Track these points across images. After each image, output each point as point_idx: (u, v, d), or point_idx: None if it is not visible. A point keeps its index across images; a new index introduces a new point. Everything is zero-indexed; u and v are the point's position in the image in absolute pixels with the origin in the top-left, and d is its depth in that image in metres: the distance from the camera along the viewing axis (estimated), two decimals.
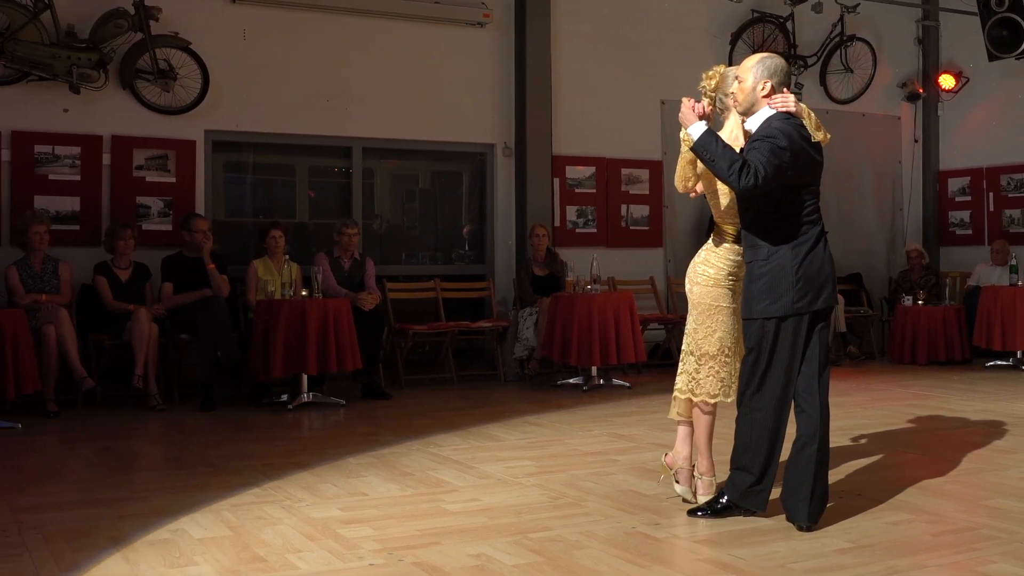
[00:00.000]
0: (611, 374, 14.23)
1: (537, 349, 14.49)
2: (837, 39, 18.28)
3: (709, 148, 6.68)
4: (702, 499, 7.24)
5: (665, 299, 16.79)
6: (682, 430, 7.52)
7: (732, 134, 7.21)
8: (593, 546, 6.38)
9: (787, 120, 6.80)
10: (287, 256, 13.42)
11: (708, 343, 7.23)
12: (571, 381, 14.16)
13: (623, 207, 16.88)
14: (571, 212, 16.47)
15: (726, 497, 7.04)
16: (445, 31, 15.50)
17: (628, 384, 14.08)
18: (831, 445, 7.02)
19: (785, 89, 7.04)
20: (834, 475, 8.01)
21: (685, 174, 7.35)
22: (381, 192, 16.02)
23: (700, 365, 7.24)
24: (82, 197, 13.40)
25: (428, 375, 14.89)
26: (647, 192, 17.03)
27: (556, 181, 16.16)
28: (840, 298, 16.84)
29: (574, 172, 16.44)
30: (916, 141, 19.55)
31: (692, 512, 7.14)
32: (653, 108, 16.94)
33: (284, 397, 12.61)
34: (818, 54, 18.26)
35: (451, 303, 15.51)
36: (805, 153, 6.80)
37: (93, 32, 13.08)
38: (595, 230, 16.65)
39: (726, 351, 7.23)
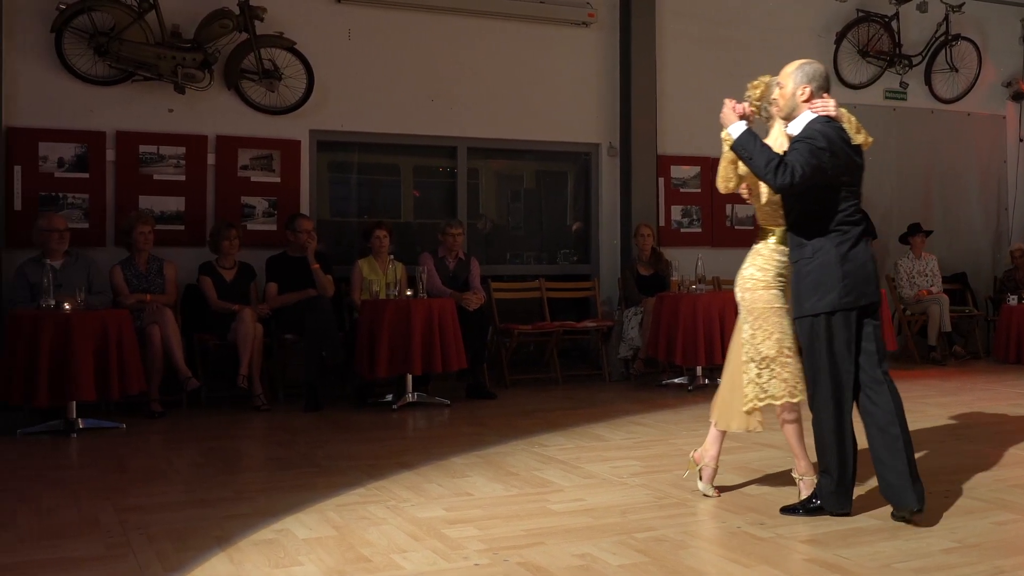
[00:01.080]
0: (716, 374, 13.33)
1: (642, 349, 14.18)
2: (942, 38, 17.87)
3: (748, 147, 6.77)
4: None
5: None
6: (714, 431, 7.55)
7: (777, 141, 7.18)
8: (698, 546, 6.30)
9: (827, 123, 6.83)
10: (392, 256, 13.16)
11: (766, 346, 7.10)
12: (676, 381, 13.84)
13: (728, 206, 16.48)
14: (676, 212, 16.15)
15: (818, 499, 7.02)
16: (550, 31, 15.20)
17: None
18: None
19: (825, 94, 7.05)
20: (938, 474, 8.00)
21: (727, 174, 7.32)
22: (486, 192, 15.73)
23: (762, 370, 7.12)
24: (187, 197, 13.20)
25: (533, 375, 14.58)
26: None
27: (661, 181, 15.85)
28: (945, 297, 16.60)
29: (679, 171, 16.10)
30: (1021, 140, 19.02)
31: (785, 510, 7.03)
32: None
33: (389, 397, 12.35)
34: (923, 53, 17.85)
35: (556, 303, 15.23)
36: (844, 154, 6.81)
37: (198, 32, 12.90)
38: (700, 230, 16.31)
39: (785, 351, 7.11)
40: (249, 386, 11.94)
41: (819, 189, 6.73)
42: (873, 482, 7.04)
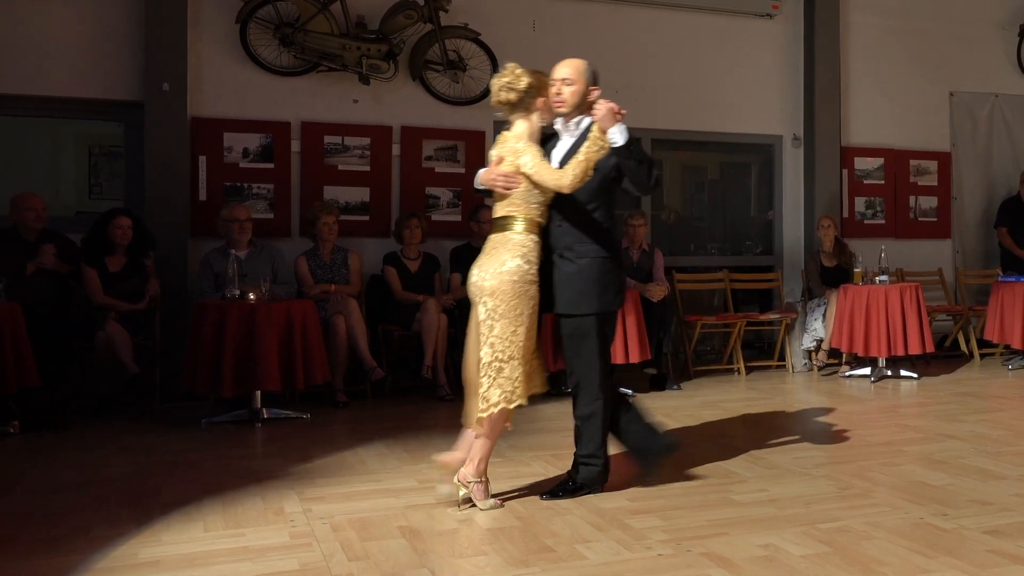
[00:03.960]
0: (899, 365, 13.49)
1: (826, 340, 13.80)
2: None
3: (636, 151, 6.75)
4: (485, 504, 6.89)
5: (953, 290, 15.94)
6: (470, 435, 6.95)
7: (527, 134, 6.94)
8: (881, 537, 6.10)
9: None
10: None
11: (516, 344, 6.83)
12: (859, 373, 13.45)
13: (911, 198, 16.11)
14: (859, 203, 15.75)
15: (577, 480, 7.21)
16: (734, 22, 14.96)
17: (916, 375, 13.27)
18: None
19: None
20: None
21: (586, 174, 6.72)
22: (670, 183, 15.50)
23: (512, 370, 6.82)
24: (371, 188, 13.03)
25: (716, 367, 14.22)
26: (935, 183, 16.25)
27: (844, 172, 15.50)
28: None
29: (863, 163, 15.71)
30: None
31: (547, 495, 7.10)
32: (942, 100, 16.30)
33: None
34: None
35: (739, 294, 15.04)
36: None
37: (383, 23, 12.76)
38: (883, 221, 15.90)
39: (527, 351, 6.95)
40: (434, 376, 11.77)
41: (618, 192, 7.09)
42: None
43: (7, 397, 9.64)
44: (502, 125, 13.23)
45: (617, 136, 6.61)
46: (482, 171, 6.91)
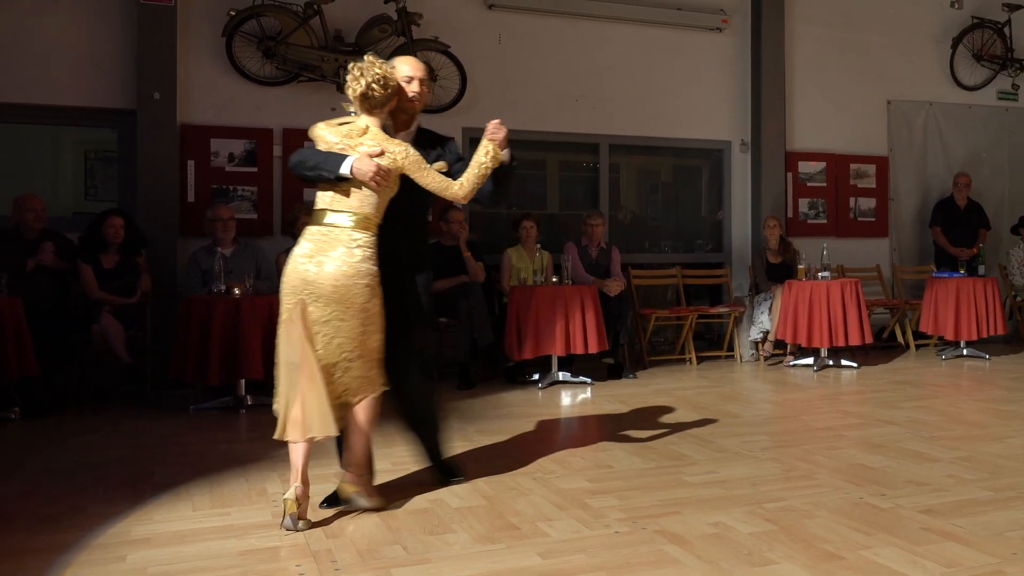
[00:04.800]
0: (840, 355, 13.57)
1: (771, 332, 13.94)
2: None
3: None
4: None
5: (890, 285, 16.07)
6: (301, 448, 6.20)
7: (375, 133, 6.41)
8: (823, 515, 6.14)
9: None
10: (539, 245, 12.90)
11: (374, 342, 6.25)
12: (802, 362, 13.51)
13: (851, 199, 16.23)
14: (803, 204, 15.85)
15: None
16: (686, 36, 15.01)
17: (855, 365, 13.37)
18: None
19: None
20: None
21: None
22: (626, 185, 15.50)
23: (371, 365, 6.25)
24: None
25: (669, 357, 14.28)
26: (874, 186, 16.37)
27: (789, 175, 15.58)
28: None
29: (806, 167, 15.80)
30: None
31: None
32: (880, 108, 16.40)
33: (536, 376, 12.10)
34: None
35: (691, 289, 15.05)
36: None
37: (359, 36, 12.81)
38: (825, 221, 16.01)
39: (378, 348, 6.33)
40: None
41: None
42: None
43: (9, 385, 9.71)
44: (471, 131, 13.46)
45: (506, 154, 6.57)
46: (358, 158, 6.09)
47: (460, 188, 6.39)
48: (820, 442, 8.43)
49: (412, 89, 6.58)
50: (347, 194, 6.15)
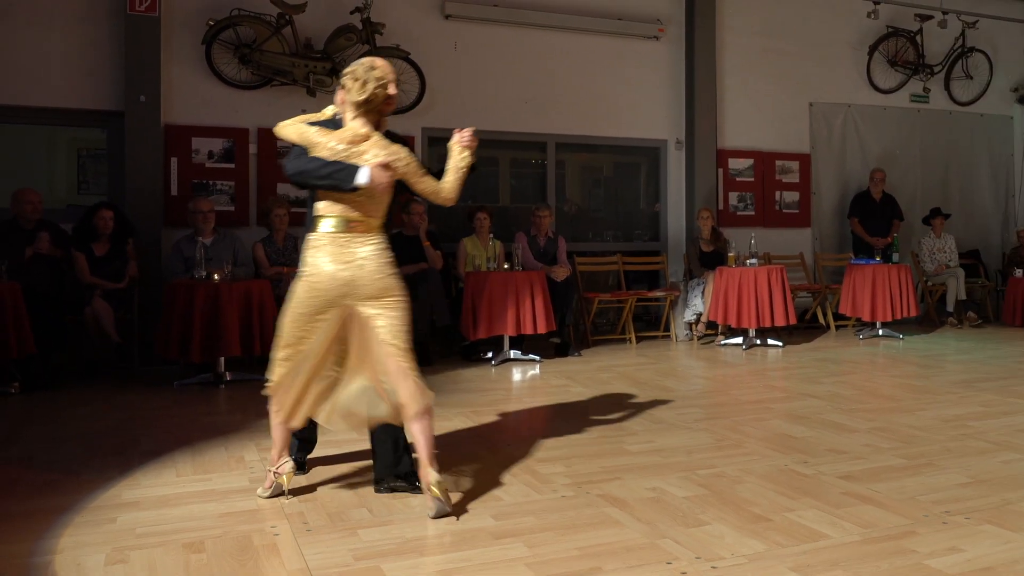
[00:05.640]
0: (766, 335, 13.80)
1: (704, 314, 14.00)
2: (959, 50, 17.57)
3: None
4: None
5: (812, 271, 16.18)
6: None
7: (377, 137, 5.85)
8: (752, 481, 6.22)
9: None
10: (492, 235, 12.93)
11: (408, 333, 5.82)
12: (732, 341, 13.69)
13: (777, 193, 16.31)
14: (733, 197, 15.92)
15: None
16: (626, 43, 15.06)
17: (781, 344, 13.54)
18: None
19: None
20: (953, 420, 8.19)
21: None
22: (571, 180, 15.48)
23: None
24: None
25: (611, 336, 14.36)
26: (797, 180, 16.46)
27: (720, 171, 15.67)
28: (961, 270, 16.31)
29: (735, 163, 15.86)
30: None
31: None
32: (803, 109, 16.50)
33: (489, 355, 12.21)
34: (943, 63, 17.53)
35: (630, 275, 15.09)
36: None
37: (327, 44, 12.86)
38: (753, 213, 16.10)
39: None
40: None
41: None
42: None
43: (9, 362, 9.80)
44: (429, 131, 13.57)
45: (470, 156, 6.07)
46: (373, 169, 5.53)
47: (448, 192, 6.04)
48: (749, 414, 8.52)
49: (391, 92, 5.90)
50: (357, 201, 5.69)
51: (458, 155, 6.06)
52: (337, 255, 5.68)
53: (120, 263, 11.37)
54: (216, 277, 10.44)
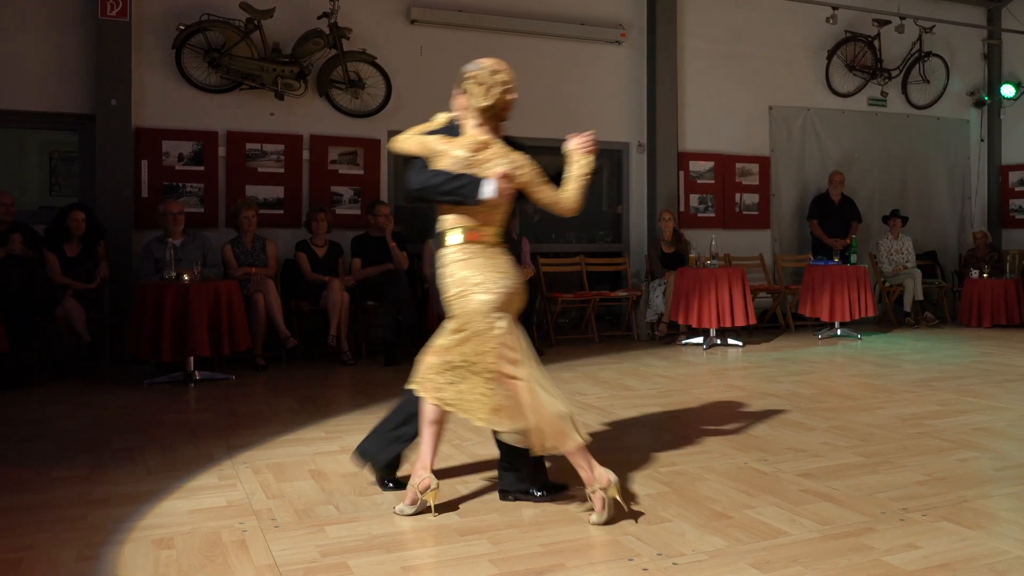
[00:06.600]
0: (726, 335, 13.82)
1: (665, 314, 14.13)
2: (916, 55, 17.74)
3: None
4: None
5: (772, 272, 16.32)
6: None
7: (499, 146, 5.73)
8: (712, 479, 6.24)
9: None
10: None
11: None
12: (693, 341, 13.78)
13: (737, 195, 16.43)
14: (694, 199, 16.02)
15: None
16: (589, 48, 15.16)
17: (740, 343, 13.65)
18: None
19: None
20: (910, 419, 8.23)
21: None
22: None
23: None
24: (285, 186, 13.17)
25: (574, 335, 14.52)
26: (757, 183, 16.58)
27: (681, 173, 15.76)
28: (918, 271, 16.50)
29: (696, 166, 15.97)
30: (982, 140, 18.88)
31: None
32: (763, 113, 16.62)
33: None
34: (900, 68, 17.72)
35: (593, 275, 15.20)
36: None
37: (295, 48, 12.94)
38: (714, 214, 16.21)
39: None
40: (337, 344, 11.96)
41: None
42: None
43: None
44: (395, 134, 13.60)
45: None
46: (498, 182, 5.40)
47: (568, 202, 5.72)
48: (709, 413, 8.58)
49: (510, 99, 5.80)
50: (484, 213, 5.51)
51: (578, 162, 5.80)
52: (485, 265, 5.50)
53: (91, 264, 11.45)
54: (186, 277, 10.47)
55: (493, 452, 6.74)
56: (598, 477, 5.32)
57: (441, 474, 6.08)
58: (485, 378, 5.42)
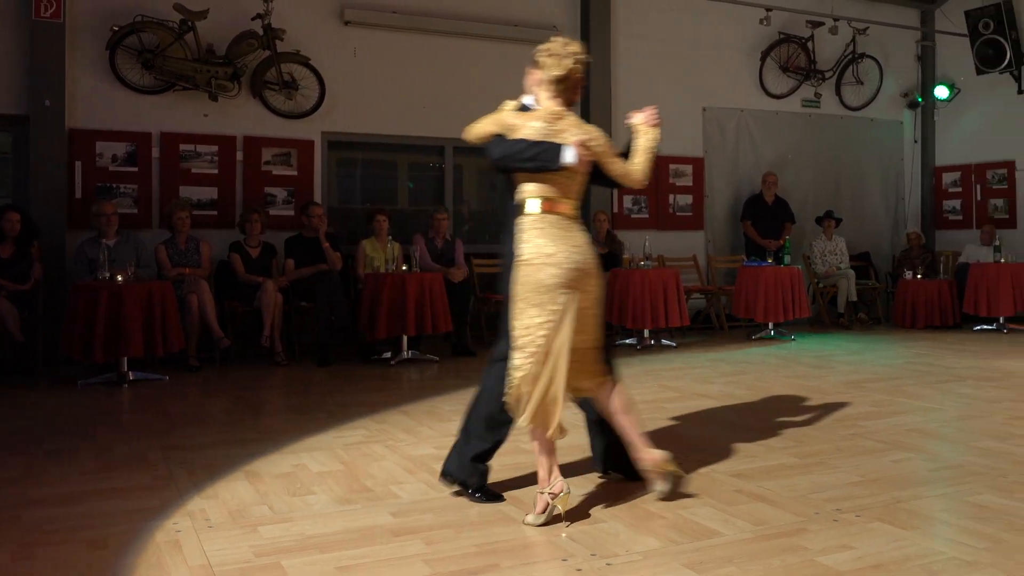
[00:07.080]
0: (660, 336, 13.97)
1: None
2: (850, 56, 18.00)
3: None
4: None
5: (706, 273, 16.50)
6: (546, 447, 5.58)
7: (572, 117, 5.64)
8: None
9: None
10: (390, 237, 12.99)
11: None
12: (627, 341, 13.87)
13: (671, 196, 16.60)
14: (627, 200, 16.19)
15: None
16: (522, 49, 14.37)
17: (674, 344, 13.80)
18: None
19: None
20: (845, 420, 8.26)
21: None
22: (468, 184, 15.68)
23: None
24: (219, 187, 13.25)
25: None
26: (691, 184, 16.77)
27: None
28: (852, 272, 16.71)
29: None
30: (916, 142, 19.14)
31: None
32: (696, 113, 16.80)
33: (388, 354, 12.40)
34: (834, 69, 17.96)
35: None
36: None
37: (229, 50, 13.02)
38: (647, 215, 16.37)
39: None
40: (271, 345, 12.00)
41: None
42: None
43: None
44: (329, 135, 13.75)
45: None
46: (575, 148, 5.33)
47: (638, 174, 5.72)
48: (642, 413, 8.12)
49: (579, 78, 5.71)
50: (562, 183, 5.48)
51: (645, 135, 5.78)
52: (561, 237, 5.43)
53: (25, 265, 11.46)
54: (119, 278, 10.53)
55: (423, 451, 6.98)
56: (553, 483, 5.35)
57: (372, 473, 6.32)
58: (529, 352, 5.38)
